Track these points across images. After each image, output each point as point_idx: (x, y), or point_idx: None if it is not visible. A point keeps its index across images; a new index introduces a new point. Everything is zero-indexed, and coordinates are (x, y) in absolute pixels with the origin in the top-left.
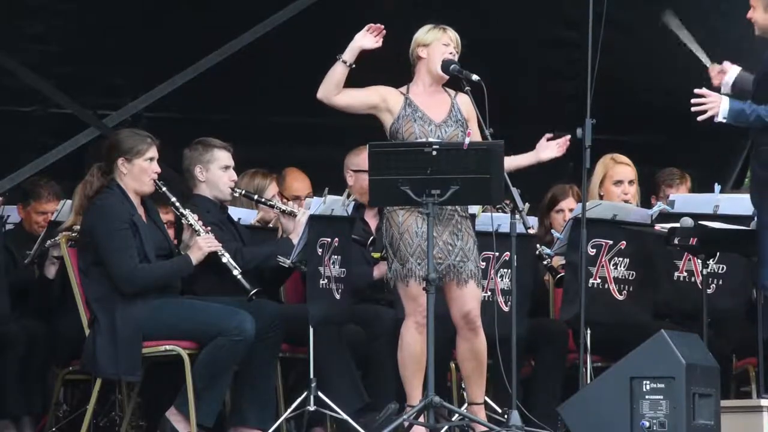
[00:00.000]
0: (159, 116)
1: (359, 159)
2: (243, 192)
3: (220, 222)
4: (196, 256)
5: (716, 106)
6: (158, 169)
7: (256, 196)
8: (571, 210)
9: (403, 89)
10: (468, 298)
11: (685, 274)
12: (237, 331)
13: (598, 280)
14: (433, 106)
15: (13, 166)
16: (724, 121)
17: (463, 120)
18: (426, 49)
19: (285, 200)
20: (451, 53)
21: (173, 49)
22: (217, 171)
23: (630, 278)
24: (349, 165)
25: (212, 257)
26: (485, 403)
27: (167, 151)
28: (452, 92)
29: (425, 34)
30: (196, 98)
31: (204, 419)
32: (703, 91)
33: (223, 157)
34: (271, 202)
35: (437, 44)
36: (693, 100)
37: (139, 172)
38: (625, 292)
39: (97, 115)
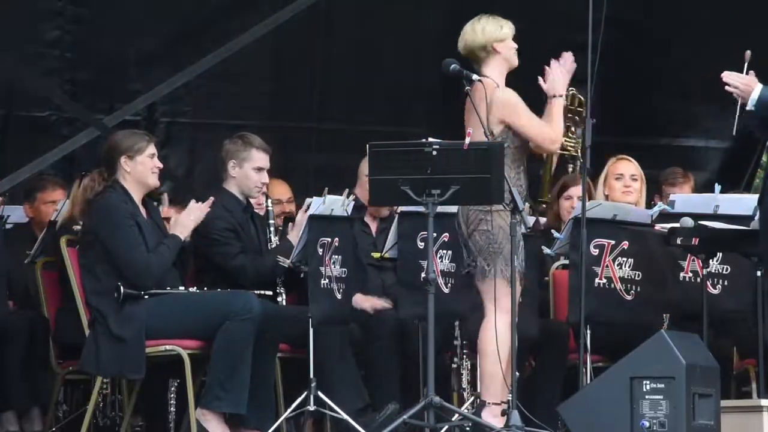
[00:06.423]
0: (175, 121)
1: None
2: None
3: (239, 224)
4: (183, 234)
5: (748, 90)
6: (160, 165)
7: None
8: (579, 197)
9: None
10: None
11: (690, 274)
12: (244, 310)
13: (604, 280)
14: None
15: (12, 166)
16: (752, 109)
17: None
18: (501, 44)
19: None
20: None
21: (185, 51)
22: (249, 170)
23: (636, 278)
24: (363, 171)
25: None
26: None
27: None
28: None
29: (500, 30)
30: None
31: (236, 408)
32: (735, 75)
33: (259, 158)
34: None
35: (509, 40)
36: (725, 77)
37: (143, 168)
38: (632, 292)
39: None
